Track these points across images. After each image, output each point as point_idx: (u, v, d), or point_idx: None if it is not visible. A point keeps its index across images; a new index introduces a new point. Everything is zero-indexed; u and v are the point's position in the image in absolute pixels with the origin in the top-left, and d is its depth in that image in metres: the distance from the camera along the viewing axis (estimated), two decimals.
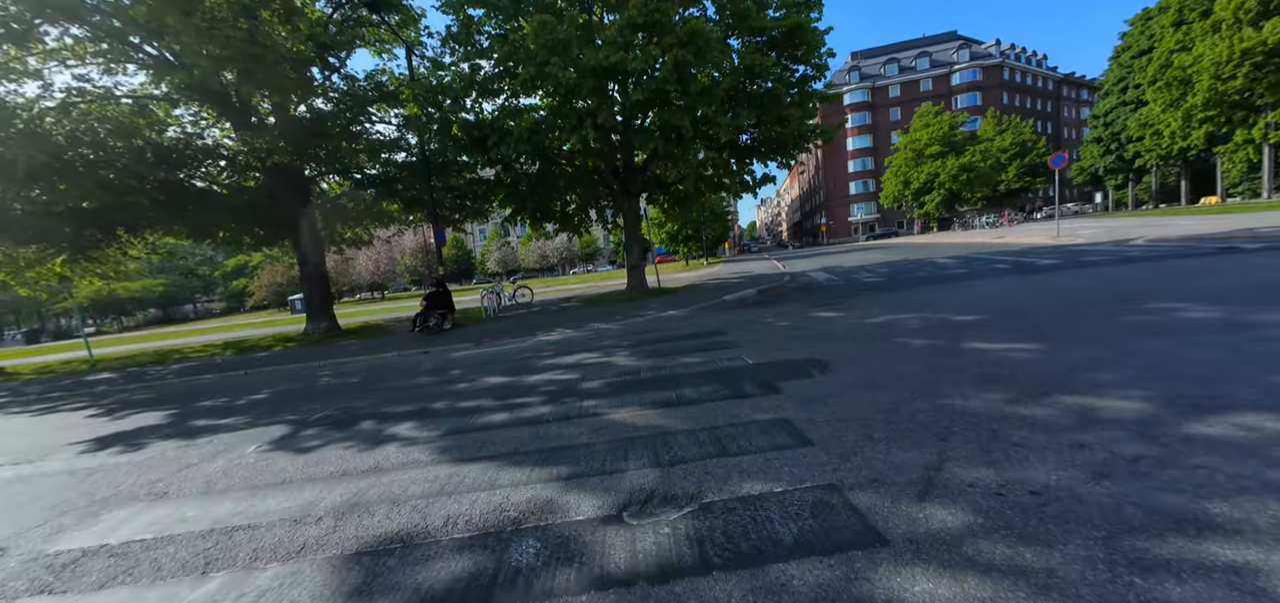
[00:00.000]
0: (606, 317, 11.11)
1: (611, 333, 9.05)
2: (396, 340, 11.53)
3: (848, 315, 7.81)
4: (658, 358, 6.23)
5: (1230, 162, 31.36)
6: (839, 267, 19.03)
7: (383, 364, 8.81)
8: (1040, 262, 12.30)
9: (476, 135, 10.61)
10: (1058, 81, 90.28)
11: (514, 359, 7.48)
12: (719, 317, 9.48)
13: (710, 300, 11.93)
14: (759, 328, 7.66)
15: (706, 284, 16.94)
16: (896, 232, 77.99)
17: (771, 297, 11.91)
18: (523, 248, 69.85)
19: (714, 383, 4.76)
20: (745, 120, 11.31)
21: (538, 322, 11.82)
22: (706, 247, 35.35)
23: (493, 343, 9.62)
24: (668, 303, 12.27)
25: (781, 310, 9.30)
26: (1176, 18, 32.62)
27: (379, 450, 3.92)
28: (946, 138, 48.10)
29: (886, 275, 13.53)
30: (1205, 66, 27.28)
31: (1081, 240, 17.58)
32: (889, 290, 10.30)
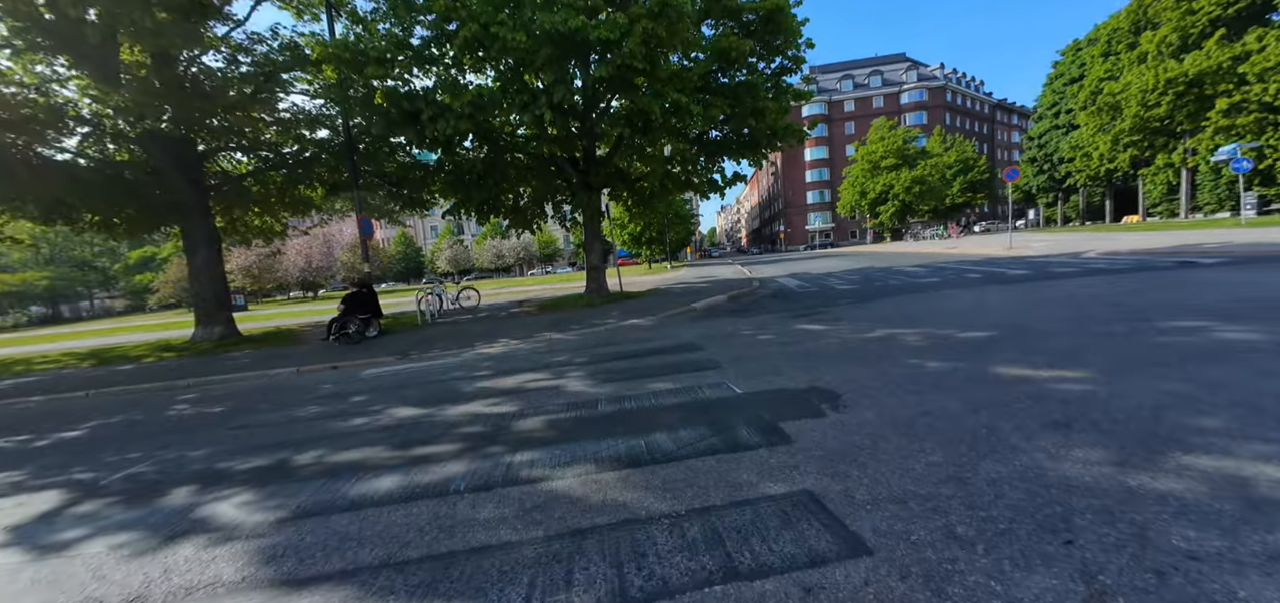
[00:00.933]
0: (561, 324, 9.73)
1: (565, 345, 7.69)
2: (303, 352, 9.63)
3: (837, 328, 6.85)
4: (621, 382, 4.97)
5: (1152, 184, 34.04)
6: (806, 273, 18.49)
7: (271, 384, 7.03)
8: (1010, 272, 12.02)
9: (408, 109, 8.97)
10: (993, 106, 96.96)
11: (439, 381, 5.99)
12: (690, 327, 8.34)
13: (678, 307, 10.80)
14: (739, 342, 6.55)
15: (672, 289, 15.85)
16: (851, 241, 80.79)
17: (744, 304, 10.93)
18: (477, 247, 66.52)
19: (697, 423, 3.55)
20: (718, 111, 10.29)
21: (481, 329, 10.26)
22: (670, 250, 34.43)
23: (420, 356, 8.03)
24: (631, 310, 11.03)
25: (760, 320, 8.27)
26: (1105, 49, 35.07)
27: (164, 553, 2.42)
28: (901, 151, 49.87)
29: (858, 282, 12.93)
30: (1133, 93, 29.30)
31: (1036, 252, 17.89)
32: (869, 299, 9.53)
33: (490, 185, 11.51)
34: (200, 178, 11.72)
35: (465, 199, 11.82)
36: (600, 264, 13.90)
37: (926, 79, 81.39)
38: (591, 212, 12.52)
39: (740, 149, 12.55)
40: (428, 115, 8.87)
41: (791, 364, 5.02)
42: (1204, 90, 26.82)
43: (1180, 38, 29.70)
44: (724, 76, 11.09)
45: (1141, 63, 31.52)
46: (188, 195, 11.34)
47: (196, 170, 11.61)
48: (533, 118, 8.94)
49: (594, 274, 13.79)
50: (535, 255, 69.40)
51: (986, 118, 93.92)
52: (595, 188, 12.61)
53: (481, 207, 11.97)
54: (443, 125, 8.82)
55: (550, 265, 73.01)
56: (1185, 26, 29.12)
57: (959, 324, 6.31)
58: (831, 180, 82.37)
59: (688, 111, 10.17)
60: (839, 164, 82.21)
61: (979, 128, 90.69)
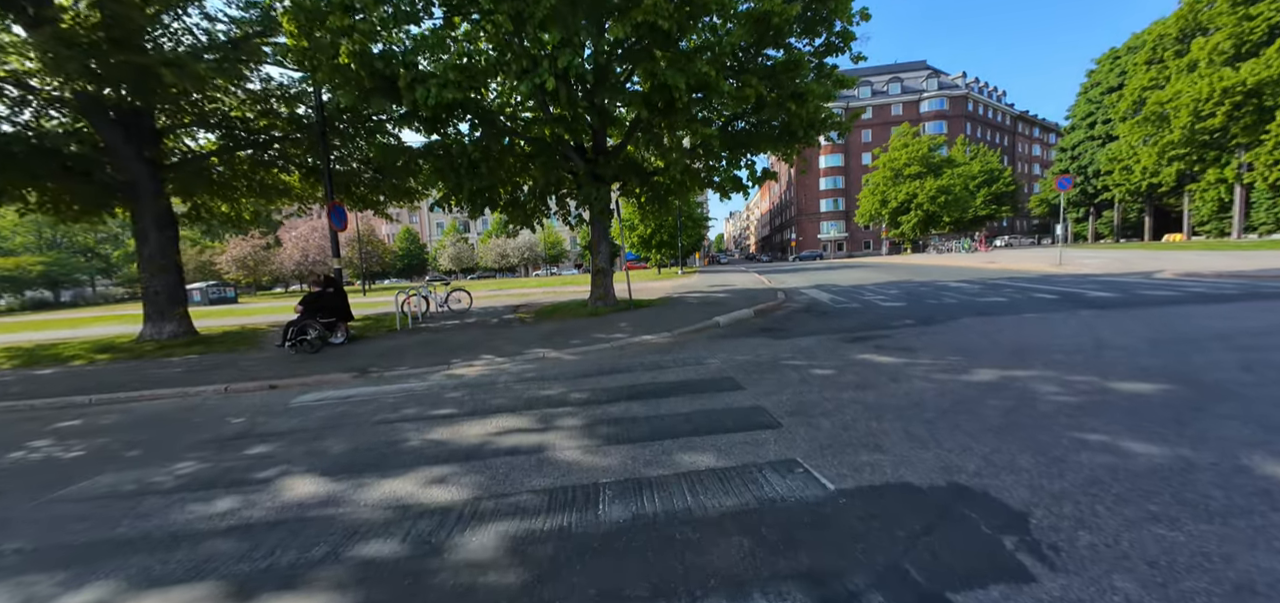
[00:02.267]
0: (559, 339, 8.09)
1: (561, 371, 6.05)
2: (251, 361, 8.07)
3: (917, 364, 5.15)
4: (635, 447, 3.31)
5: (1201, 199, 31.91)
6: (834, 284, 16.73)
7: (177, 410, 5.46)
8: (1090, 293, 10.22)
9: (382, 73, 7.43)
10: (1015, 118, 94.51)
11: (382, 423, 4.36)
12: (718, 350, 6.67)
13: (697, 321, 9.13)
14: (791, 379, 4.87)
15: (686, 298, 14.18)
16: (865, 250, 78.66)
17: (777, 321, 9.24)
18: (482, 244, 65.18)
19: (780, 572, 1.88)
20: (752, 93, 8.64)
21: (465, 340, 8.66)
22: (681, 254, 32.74)
23: (380, 375, 6.42)
24: (642, 322, 9.38)
25: (804, 346, 6.58)
26: (1150, 56, 33.01)
27: None
28: (925, 158, 47.82)
29: (902, 298, 11.18)
30: (1184, 103, 27.26)
31: (1094, 269, 16.02)
32: (933, 321, 7.81)
33: (484, 173, 9.93)
34: (156, 155, 10.25)
35: (455, 188, 10.24)
36: (607, 267, 12.27)
37: (947, 88, 79.20)
38: (600, 207, 10.90)
39: (773, 140, 10.87)
40: (405, 81, 7.30)
41: (888, 428, 3.35)
42: (1264, 100, 24.77)
43: (1235, 45, 27.65)
44: (761, 52, 9.43)
45: (1191, 71, 29.46)
46: (138, 173, 9.87)
47: (151, 146, 10.14)
48: (532, 87, 7.33)
49: (600, 279, 12.16)
50: (540, 255, 67.98)
51: (1008, 129, 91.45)
52: (605, 180, 10.99)
53: (474, 197, 10.38)
54: (423, 93, 7.24)
55: (555, 266, 71.57)
56: (1241, 33, 27.06)
57: (1095, 368, 4.61)
58: (846, 189, 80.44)
59: (717, 89, 8.54)
60: (855, 172, 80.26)
61: (1000, 139, 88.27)
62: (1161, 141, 29.14)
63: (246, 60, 9.82)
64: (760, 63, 9.73)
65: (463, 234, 69.25)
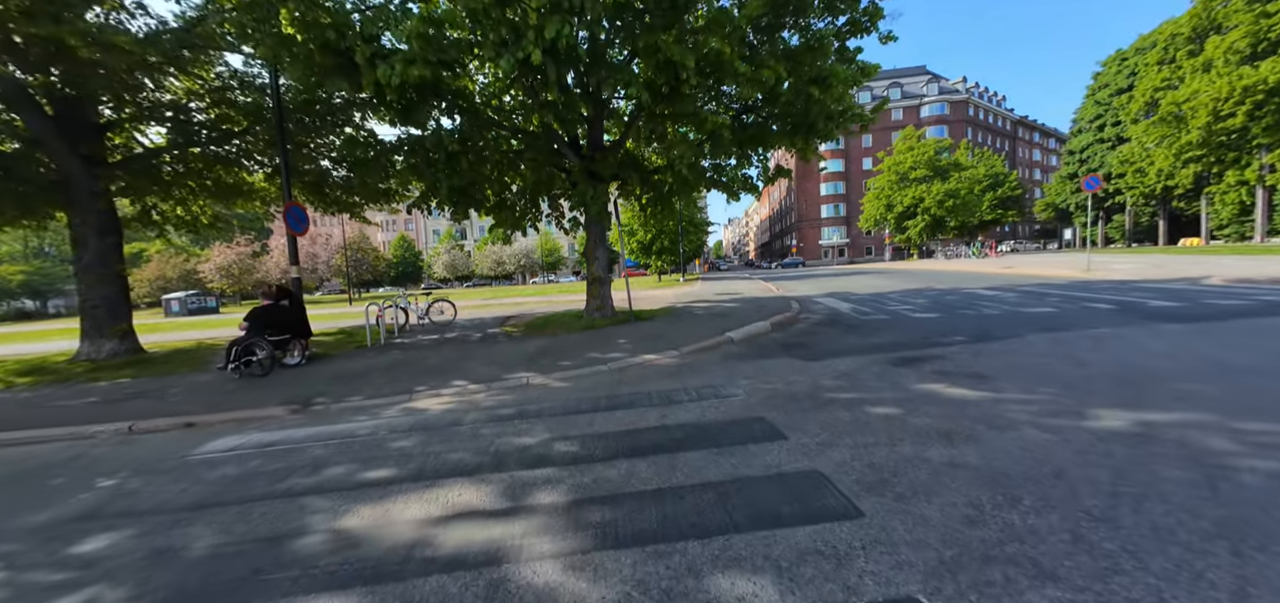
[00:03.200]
0: (547, 359, 6.89)
1: (546, 405, 4.85)
2: (180, 390, 6.84)
3: (1007, 399, 3.96)
4: (646, 549, 2.10)
5: (1221, 202, 30.95)
6: (848, 292, 15.56)
7: (42, 465, 4.23)
8: (1150, 302, 9.06)
9: (336, 46, 6.30)
10: (1015, 122, 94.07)
11: (284, 501, 3.14)
12: (738, 374, 5.47)
13: (708, 336, 7.94)
14: (844, 420, 3.68)
15: (692, 308, 13.00)
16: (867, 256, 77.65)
17: (798, 337, 8.05)
18: (479, 251, 63.98)
19: None
20: (770, 75, 7.53)
21: (438, 361, 7.45)
22: (682, 261, 31.59)
23: (325, 411, 5.22)
24: (644, 337, 8.19)
25: (844, 370, 5.38)
26: (1162, 56, 32.15)
27: None
28: (931, 162, 46.83)
29: (932, 307, 9.98)
30: (1202, 102, 26.32)
31: (1127, 274, 14.89)
32: (988, 337, 6.63)
33: (465, 168, 8.76)
34: (96, 152, 9.07)
35: (433, 186, 9.07)
36: (604, 276, 11.09)
37: (948, 92, 78.67)
38: (596, 209, 9.73)
39: (789, 134, 9.73)
40: (364, 57, 6.15)
41: (1040, 525, 2.15)
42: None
43: (1252, 43, 26.76)
44: (778, 30, 8.32)
45: (1206, 71, 28.57)
46: (71, 171, 8.69)
47: (91, 141, 8.96)
48: (514, 64, 6.18)
49: (597, 288, 10.97)
50: (537, 262, 66.76)
51: (1008, 134, 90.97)
52: (602, 178, 9.84)
53: (455, 197, 9.20)
54: (386, 71, 6.09)
55: (553, 273, 70.34)
56: (1259, 31, 26.19)
57: (1255, 405, 3.43)
58: (847, 194, 79.66)
59: (731, 71, 7.40)
60: (856, 178, 79.50)
61: (1001, 144, 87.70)
62: (1179, 143, 28.19)
63: (198, 45, 8.68)
64: (778, 43, 8.61)
65: (458, 242, 68.03)
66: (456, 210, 9.69)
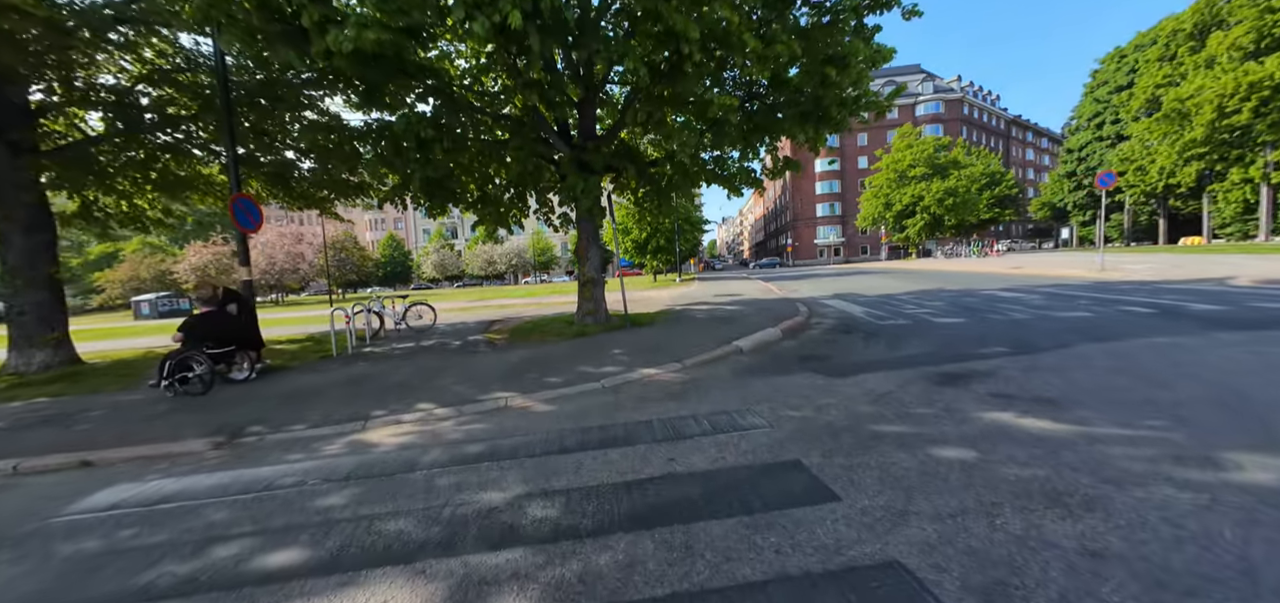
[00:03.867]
0: (531, 374, 5.99)
1: (522, 440, 3.95)
2: (100, 411, 5.87)
3: (1104, 435, 3.12)
4: None
5: (1224, 201, 30.61)
6: (855, 294, 14.77)
7: None
8: (1192, 306, 8.32)
9: (277, 7, 5.36)
10: (1009, 122, 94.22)
11: None
12: (754, 395, 4.60)
13: (714, 346, 7.07)
14: (907, 469, 2.82)
15: (692, 312, 12.15)
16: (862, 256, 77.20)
17: (814, 346, 7.21)
18: (469, 251, 62.69)
19: None
20: (784, 50, 6.68)
21: (405, 376, 6.52)
22: (678, 260, 30.72)
23: (256, 445, 4.30)
24: (642, 346, 7.31)
25: (878, 389, 4.53)
26: (1163, 52, 31.74)
27: None
28: (930, 159, 46.26)
29: (953, 312, 9.17)
30: (1207, 99, 25.88)
31: (1145, 275, 14.22)
32: (1036, 348, 5.82)
33: (440, 157, 7.82)
34: (25, 138, 8.04)
35: (405, 178, 8.13)
36: (598, 277, 10.19)
37: (943, 91, 78.47)
38: (588, 204, 8.83)
39: (799, 121, 8.87)
40: (312, 21, 5.21)
41: None
42: None
43: (1256, 39, 26.35)
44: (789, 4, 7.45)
45: (1209, 67, 28.14)
46: None
47: (18, 126, 7.93)
48: (491, 29, 5.28)
49: (589, 290, 10.07)
50: (530, 262, 65.53)
51: (1002, 133, 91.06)
52: (594, 170, 8.95)
53: (429, 189, 8.26)
54: (337, 37, 5.16)
55: (546, 273, 69.14)
56: (1263, 26, 25.78)
57: None
58: (843, 193, 79.28)
59: (739, 46, 6.55)
60: (851, 177, 79.13)
61: (996, 144, 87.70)
62: (1182, 140, 27.75)
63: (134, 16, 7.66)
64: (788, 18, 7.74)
65: (449, 241, 66.66)
66: (433, 205, 8.75)
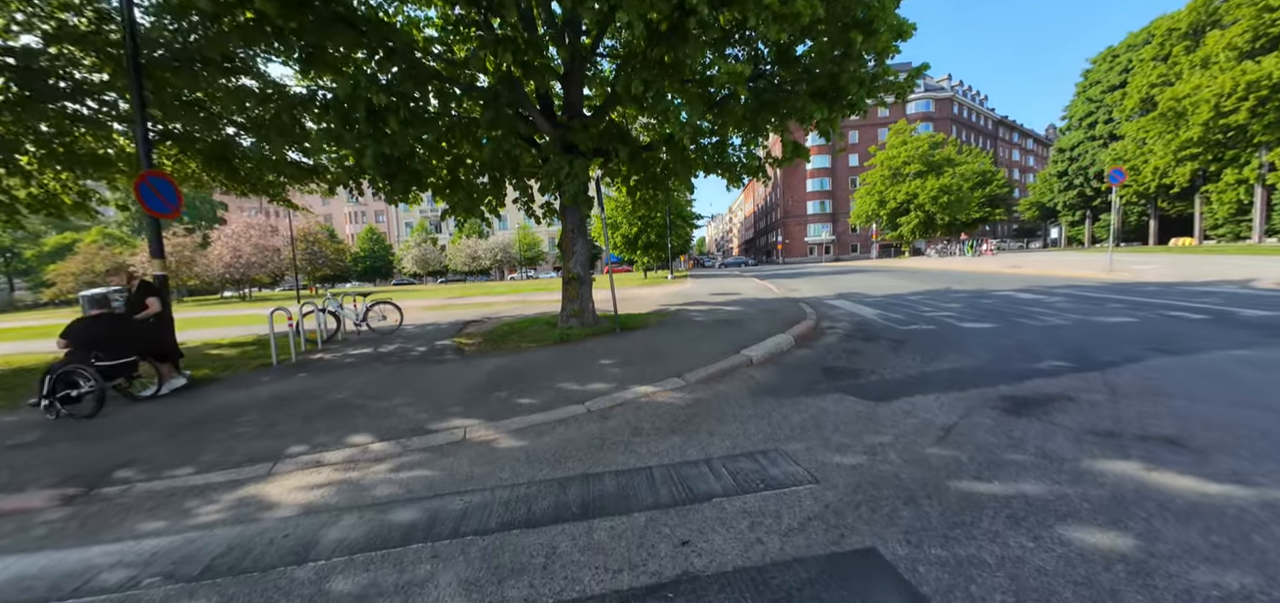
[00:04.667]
0: (500, 395, 4.88)
1: (477, 502, 2.83)
2: None
3: None
4: None
5: (1218, 201, 30.53)
6: (859, 293, 13.88)
7: None
8: (1242, 312, 7.53)
9: None
10: (996, 122, 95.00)
11: None
12: (783, 428, 3.55)
13: (719, 357, 6.03)
14: (1045, 563, 1.78)
15: (688, 313, 11.12)
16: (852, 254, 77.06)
17: (835, 356, 6.20)
18: (453, 245, 60.81)
19: None
20: (804, 8, 5.66)
21: (348, 393, 5.35)
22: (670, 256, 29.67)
23: (120, 495, 3.12)
24: (634, 356, 6.24)
25: (939, 420, 3.51)
26: (1158, 52, 31.53)
27: None
28: (925, 156, 45.81)
29: (975, 315, 8.25)
30: (1204, 98, 25.59)
31: (1160, 276, 13.57)
32: (1111, 366, 4.87)
33: (396, 133, 6.63)
34: None
35: (358, 158, 6.92)
36: (584, 274, 9.09)
37: (933, 90, 78.57)
38: (574, 190, 7.71)
39: (815, 100, 7.83)
40: None
41: None
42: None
43: (1253, 39, 26.11)
44: None
45: (1205, 67, 27.91)
46: None
47: None
48: None
49: (574, 289, 8.97)
50: (515, 257, 63.82)
51: (990, 134, 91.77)
52: (581, 153, 7.85)
53: (387, 169, 7.07)
54: None
55: (532, 269, 67.50)
56: (1260, 26, 25.54)
57: None
58: (833, 191, 79.08)
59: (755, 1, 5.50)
60: (842, 174, 78.95)
61: (984, 144, 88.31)
62: (1178, 139, 27.51)
63: None
64: None
65: (431, 234, 64.61)
66: (393, 189, 7.55)
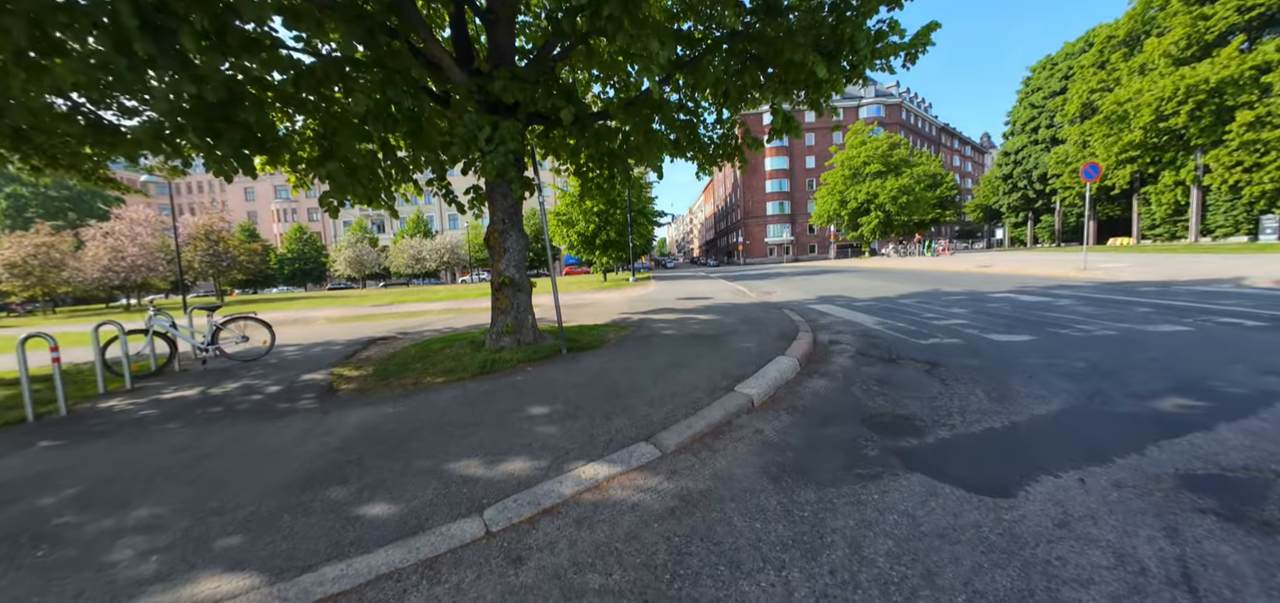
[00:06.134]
0: (336, 494, 2.63)
1: None
2: None
3: None
4: None
5: (1156, 202, 32.04)
6: (845, 296, 12.37)
7: None
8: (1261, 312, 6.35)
9: None
10: (939, 129, 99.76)
11: None
12: (860, 575, 1.60)
13: (706, 397, 4.04)
14: None
15: (653, 324, 9.14)
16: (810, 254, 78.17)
17: (873, 395, 4.35)
18: (395, 246, 56.11)
19: None
20: None
21: (90, 487, 2.93)
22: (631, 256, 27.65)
23: None
24: (587, 402, 4.14)
25: (1161, 568, 1.65)
26: (1097, 58, 32.78)
27: None
28: (885, 157, 46.27)
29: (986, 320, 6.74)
30: (1146, 101, 26.48)
31: (1138, 274, 12.90)
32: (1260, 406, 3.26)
33: (205, 61, 4.22)
34: None
35: (164, 107, 4.43)
36: (520, 279, 6.88)
37: (883, 95, 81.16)
38: (500, 161, 5.51)
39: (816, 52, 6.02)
40: None
41: None
42: (1225, 100, 24.19)
43: (1187, 45, 27.29)
44: None
45: (1142, 74, 29.03)
46: None
47: None
48: None
49: (507, 298, 6.75)
50: (466, 259, 59.78)
51: (934, 140, 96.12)
52: (511, 111, 5.67)
53: (205, 119, 4.62)
54: None
55: (485, 272, 63.64)
56: (1196, 33, 26.72)
57: None
58: (792, 191, 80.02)
59: None
60: (799, 176, 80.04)
61: (930, 149, 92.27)
62: (1121, 142, 28.53)
63: None
64: None
65: (370, 234, 59.39)
66: (220, 155, 5.05)
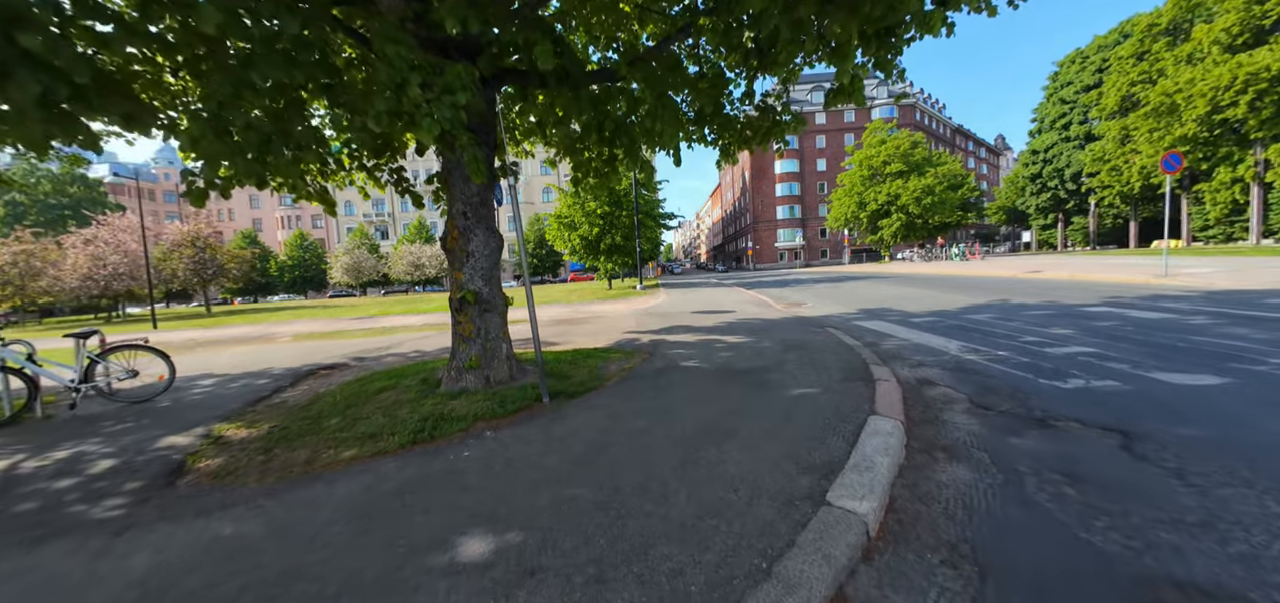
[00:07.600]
0: None
1: None
2: None
3: None
4: None
5: (1211, 202, 29.71)
6: (897, 311, 10.42)
7: None
8: None
9: None
10: (953, 131, 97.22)
11: None
12: None
13: (776, 514, 2.18)
14: None
15: (673, 354, 7.26)
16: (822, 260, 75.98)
17: (1044, 494, 2.43)
18: (395, 253, 54.77)
19: None
20: None
21: None
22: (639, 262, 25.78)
23: None
24: (565, 547, 2.28)
25: None
26: (1137, 50, 30.61)
27: None
28: (907, 156, 44.04)
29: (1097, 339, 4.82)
30: (1200, 91, 24.28)
31: (1225, 283, 10.80)
32: None
33: None
34: None
35: None
36: (488, 294, 5.06)
37: (897, 95, 79.08)
38: (447, 117, 3.74)
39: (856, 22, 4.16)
40: None
41: None
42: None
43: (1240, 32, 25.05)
44: None
45: (1190, 63, 26.81)
46: None
47: None
48: None
49: (470, 320, 4.95)
50: None
51: (948, 141, 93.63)
52: (460, 50, 3.90)
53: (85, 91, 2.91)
54: None
55: None
56: (1251, 17, 24.52)
57: None
58: (803, 196, 78.09)
59: None
60: (810, 179, 78.12)
61: (942, 150, 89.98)
62: (1170, 137, 26.31)
63: None
64: None
65: (373, 241, 58.12)
66: (64, 124, 3.26)
